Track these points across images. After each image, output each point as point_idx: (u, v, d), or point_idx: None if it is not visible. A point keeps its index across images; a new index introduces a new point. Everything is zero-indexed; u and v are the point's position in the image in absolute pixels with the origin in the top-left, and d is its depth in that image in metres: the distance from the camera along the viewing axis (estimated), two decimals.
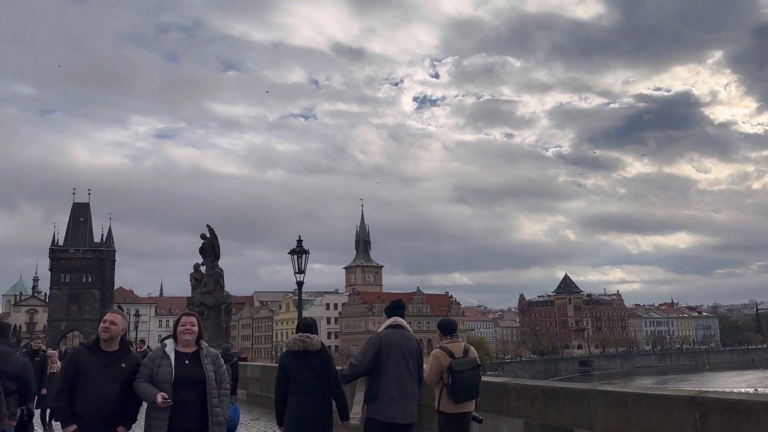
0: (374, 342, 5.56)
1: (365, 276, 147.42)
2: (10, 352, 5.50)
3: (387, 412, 5.31)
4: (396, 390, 5.35)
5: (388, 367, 5.39)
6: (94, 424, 4.52)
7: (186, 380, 4.63)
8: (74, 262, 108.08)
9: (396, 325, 5.70)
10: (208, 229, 23.45)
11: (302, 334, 5.61)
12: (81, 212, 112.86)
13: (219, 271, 23.22)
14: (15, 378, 5.32)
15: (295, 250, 13.90)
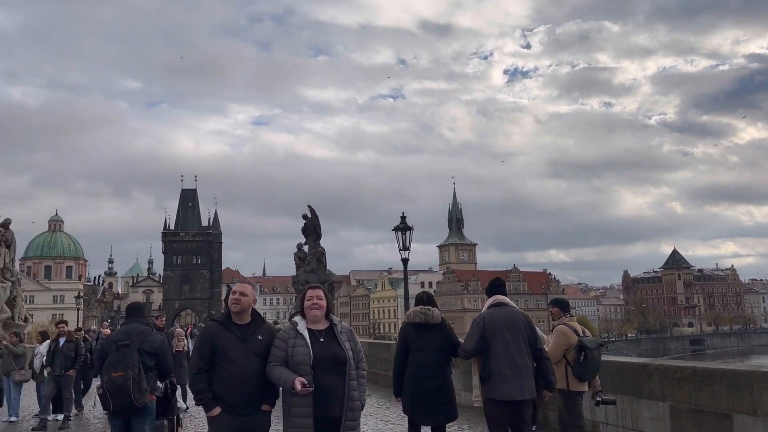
0: (478, 323, 5.47)
1: (459, 254, 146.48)
2: (148, 330, 5.71)
3: (502, 391, 5.20)
4: (507, 368, 5.23)
5: (495, 346, 5.29)
6: (237, 405, 4.18)
7: (325, 361, 4.12)
8: (185, 245, 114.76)
9: (498, 303, 5.57)
10: (309, 210, 23.84)
11: (423, 307, 5.61)
12: (189, 197, 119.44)
13: (321, 250, 23.59)
14: (153, 354, 5.50)
15: (399, 227, 13.70)
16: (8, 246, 19.50)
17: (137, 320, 5.79)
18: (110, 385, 5.26)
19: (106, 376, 5.32)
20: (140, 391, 5.29)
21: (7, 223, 19.89)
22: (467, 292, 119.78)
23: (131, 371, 5.27)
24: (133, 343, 5.42)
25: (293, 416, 4.06)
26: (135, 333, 5.53)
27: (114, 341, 5.54)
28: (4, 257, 19.06)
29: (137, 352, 5.39)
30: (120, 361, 5.32)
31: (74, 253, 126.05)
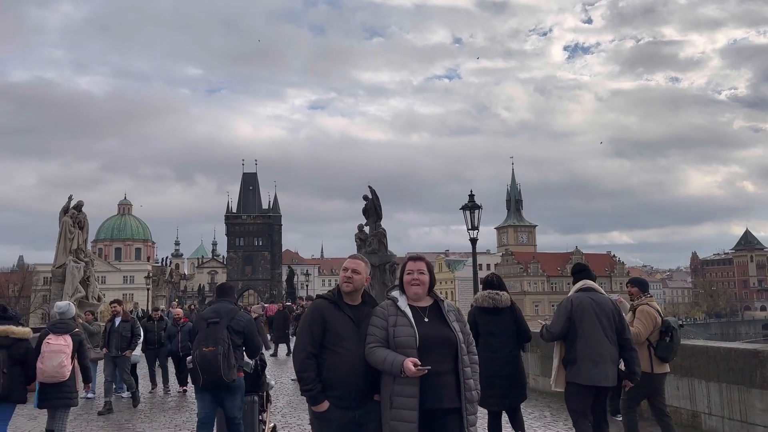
0: (565, 306, 5.35)
1: (518, 236, 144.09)
2: (236, 309, 5.84)
3: (586, 375, 5.08)
4: (593, 353, 5.10)
5: (582, 331, 5.17)
6: (348, 397, 3.61)
7: (433, 344, 3.49)
8: (246, 227, 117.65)
9: (587, 288, 5.42)
10: (370, 190, 23.60)
11: (491, 291, 5.57)
12: (250, 181, 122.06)
13: (382, 231, 23.34)
14: (240, 332, 5.60)
15: (467, 205, 13.21)
16: (81, 228, 20.19)
17: (226, 299, 5.98)
18: (201, 359, 5.37)
19: (196, 350, 5.45)
20: (229, 366, 5.38)
21: (80, 205, 20.57)
22: (527, 275, 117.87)
23: (221, 347, 5.34)
24: (222, 321, 5.52)
25: (395, 407, 3.42)
26: (224, 311, 5.67)
27: (204, 318, 5.71)
28: (77, 238, 19.76)
29: (226, 329, 5.48)
30: (210, 337, 5.43)
31: (143, 236, 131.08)
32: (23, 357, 6.02)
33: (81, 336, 6.76)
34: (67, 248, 19.44)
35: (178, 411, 9.88)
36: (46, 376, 6.17)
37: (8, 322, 6.07)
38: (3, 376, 5.76)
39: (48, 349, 6.22)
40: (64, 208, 20.08)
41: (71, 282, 18.94)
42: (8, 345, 5.93)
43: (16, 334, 6.00)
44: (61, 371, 6.17)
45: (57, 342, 6.28)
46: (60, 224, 19.79)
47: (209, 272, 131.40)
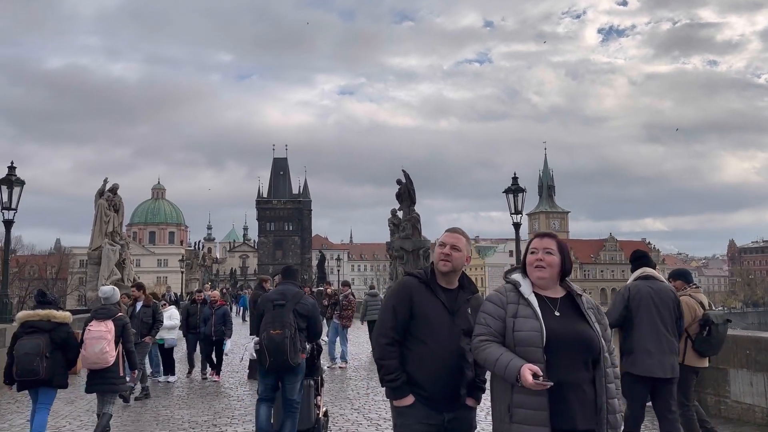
0: (623, 294, 5.23)
1: (550, 222, 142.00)
2: (301, 292, 5.87)
3: (643, 366, 4.94)
4: (651, 343, 4.97)
5: (640, 320, 5.06)
6: (437, 396, 3.05)
7: (564, 344, 2.68)
8: (277, 212, 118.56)
9: (646, 276, 5.30)
10: (404, 175, 23.22)
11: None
12: (281, 166, 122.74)
13: (416, 216, 22.99)
14: (305, 316, 5.64)
15: (511, 188, 12.71)
16: (117, 210, 20.23)
17: (291, 282, 6.06)
18: (269, 341, 5.42)
19: (264, 332, 5.49)
20: (295, 350, 5.45)
21: (116, 188, 20.61)
22: None
23: (288, 330, 5.38)
24: (288, 304, 5.58)
25: (517, 421, 2.67)
26: (290, 294, 5.73)
27: (270, 300, 5.74)
28: (113, 221, 19.81)
29: (292, 312, 5.53)
30: (277, 320, 5.48)
31: (176, 220, 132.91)
32: (64, 341, 6.04)
33: (124, 320, 6.65)
34: (102, 231, 19.51)
35: (217, 397, 9.71)
36: (89, 362, 6.22)
37: (49, 306, 6.11)
38: (45, 360, 5.81)
39: (89, 335, 6.21)
40: (100, 191, 20.13)
41: (107, 265, 19.03)
42: (50, 329, 5.97)
43: (57, 318, 6.03)
44: (103, 357, 6.15)
45: (98, 328, 6.25)
46: (95, 207, 19.88)
47: (240, 256, 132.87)
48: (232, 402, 9.20)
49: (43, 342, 5.81)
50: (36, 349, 5.78)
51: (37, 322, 6.00)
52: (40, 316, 6.01)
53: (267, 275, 12.44)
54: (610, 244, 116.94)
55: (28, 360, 5.75)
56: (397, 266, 22.27)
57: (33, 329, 5.95)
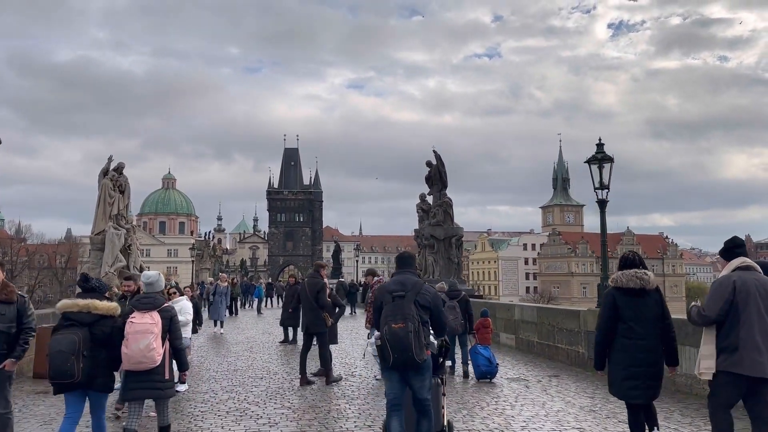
0: (725, 286, 4.78)
1: (564, 215, 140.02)
2: (421, 282, 5.40)
3: (752, 365, 4.56)
4: (761, 340, 4.59)
5: (747, 314, 4.63)
6: None
7: None
8: (288, 203, 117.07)
9: (747, 266, 4.88)
10: (435, 155, 21.26)
11: (638, 270, 5.04)
12: (292, 157, 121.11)
13: (448, 201, 21.02)
14: (427, 308, 5.20)
15: (596, 157, 10.75)
16: (122, 192, 18.45)
17: (409, 270, 5.51)
18: (391, 336, 4.98)
19: (385, 326, 5.07)
20: (420, 345, 4.99)
21: (121, 167, 18.82)
22: (575, 255, 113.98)
23: (411, 323, 5.01)
24: (408, 294, 5.20)
25: None
26: (409, 284, 5.28)
27: (389, 291, 5.28)
28: (118, 203, 18.00)
29: (413, 304, 5.16)
30: (398, 312, 5.10)
31: (186, 210, 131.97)
32: (108, 337, 5.22)
33: (172, 312, 5.62)
34: (106, 213, 17.69)
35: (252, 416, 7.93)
36: (133, 362, 5.23)
37: (91, 295, 5.30)
38: (83, 360, 5.03)
39: (133, 329, 5.23)
40: (104, 170, 18.31)
41: (111, 250, 17.25)
42: (90, 322, 5.18)
43: (99, 309, 5.22)
44: (149, 355, 5.21)
45: (143, 321, 5.30)
46: (99, 187, 18.11)
47: (250, 247, 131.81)
48: None
49: (79, 338, 5.05)
50: (71, 346, 5.01)
51: (76, 314, 5.18)
52: (79, 306, 5.20)
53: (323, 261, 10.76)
54: (627, 238, 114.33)
55: (62, 359, 4.99)
56: (426, 255, 20.36)
57: (71, 322, 5.17)
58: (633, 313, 4.90)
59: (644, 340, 4.89)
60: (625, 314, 4.91)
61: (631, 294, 4.92)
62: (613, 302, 5.00)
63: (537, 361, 11.08)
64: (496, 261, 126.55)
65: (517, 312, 12.85)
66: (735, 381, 4.61)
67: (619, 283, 5.00)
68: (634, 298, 4.93)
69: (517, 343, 12.80)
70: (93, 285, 5.37)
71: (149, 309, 5.40)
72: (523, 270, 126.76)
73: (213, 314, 19.32)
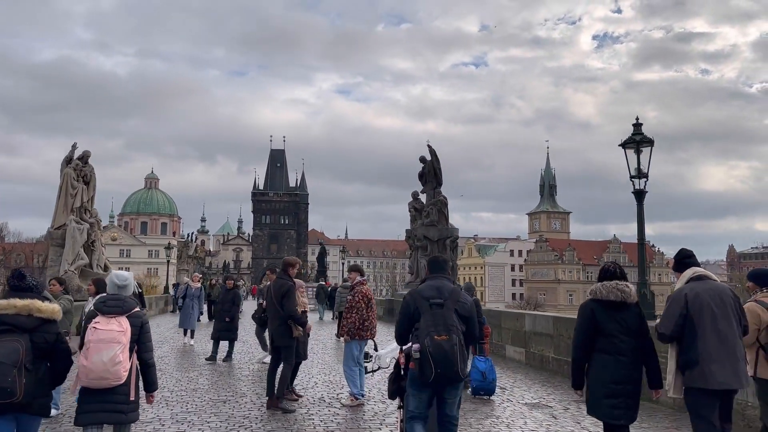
0: (677, 300, 4.62)
1: (551, 222, 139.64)
2: (458, 289, 5.03)
3: (715, 378, 4.40)
4: (721, 350, 4.43)
5: (703, 326, 4.49)
6: None
7: None
8: (273, 205, 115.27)
9: (700, 276, 4.71)
10: (429, 150, 19.83)
11: (619, 282, 4.67)
12: (278, 158, 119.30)
13: (443, 199, 19.58)
14: (466, 318, 4.76)
15: (633, 139, 9.27)
16: (87, 182, 16.82)
17: (444, 276, 5.06)
18: (435, 349, 4.47)
19: (427, 338, 4.54)
20: (464, 359, 4.59)
21: (87, 156, 17.20)
22: (562, 262, 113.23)
23: (455, 335, 4.53)
24: (447, 303, 4.72)
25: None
26: (446, 291, 4.82)
27: (425, 297, 4.80)
28: (81, 194, 16.36)
29: (453, 313, 4.67)
30: (440, 322, 4.60)
31: (169, 210, 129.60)
32: (52, 347, 4.22)
33: (143, 318, 4.74)
34: (68, 206, 16.04)
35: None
36: (93, 377, 4.35)
37: (29, 295, 4.25)
38: (26, 374, 3.98)
39: (96, 337, 4.38)
40: (67, 158, 16.67)
41: (72, 246, 15.59)
42: (32, 328, 4.13)
43: (43, 312, 4.19)
44: (114, 370, 4.36)
45: (108, 327, 4.44)
46: (61, 177, 16.46)
47: (234, 249, 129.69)
48: None
49: (23, 346, 4.03)
50: (13, 356, 3.94)
51: (13, 317, 4.10)
52: (17, 308, 4.14)
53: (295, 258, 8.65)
54: (613, 245, 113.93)
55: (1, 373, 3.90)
56: (418, 257, 18.88)
57: (8, 327, 4.07)
58: (611, 327, 4.58)
59: (625, 356, 4.57)
60: (607, 328, 4.59)
61: (611, 307, 4.62)
62: (591, 315, 4.66)
63: (555, 381, 9.55)
64: (482, 267, 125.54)
65: (528, 322, 11.40)
66: (707, 396, 4.47)
67: (598, 295, 4.66)
68: (614, 312, 4.62)
69: (527, 357, 11.35)
70: (29, 283, 4.37)
71: (117, 314, 4.51)
72: (509, 276, 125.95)
73: (182, 322, 15.65)
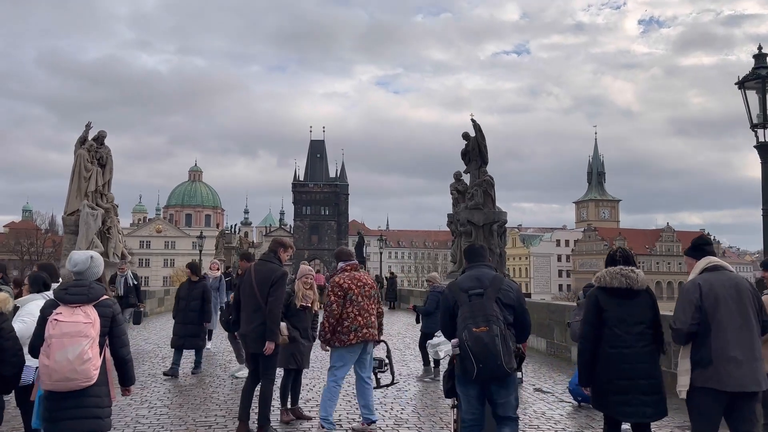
0: (691, 292, 4.17)
1: (599, 211, 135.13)
2: (501, 276, 4.61)
3: (730, 379, 3.99)
4: (737, 348, 4.02)
5: (718, 321, 4.07)
6: None
7: None
8: (313, 196, 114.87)
9: (715, 267, 4.28)
10: (473, 125, 17.93)
11: (624, 267, 4.36)
12: (318, 149, 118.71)
13: (489, 179, 17.65)
14: (511, 307, 4.43)
15: (759, 73, 6.98)
16: (103, 165, 15.66)
17: (483, 264, 4.66)
18: (474, 342, 4.16)
19: (465, 332, 4.25)
20: (509, 351, 4.23)
21: (103, 136, 16.03)
22: None
23: (496, 326, 4.21)
24: (488, 291, 4.39)
25: None
26: (487, 279, 4.47)
27: (464, 289, 4.44)
28: (96, 177, 15.19)
29: (495, 303, 4.34)
30: (479, 313, 4.28)
31: (212, 202, 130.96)
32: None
33: (114, 307, 4.04)
34: (81, 190, 14.91)
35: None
36: (57, 378, 3.68)
37: None
38: None
39: (58, 331, 3.69)
40: (80, 139, 15.49)
41: (85, 233, 14.43)
42: None
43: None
44: (83, 369, 3.67)
45: (73, 319, 3.73)
46: (75, 159, 15.32)
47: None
48: None
49: None
50: None
51: None
52: None
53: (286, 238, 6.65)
54: (667, 234, 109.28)
55: None
56: (461, 244, 17.06)
57: None
58: (617, 316, 4.27)
59: (630, 348, 4.21)
60: (609, 317, 4.29)
61: (616, 295, 4.32)
62: (597, 304, 4.38)
63: None
64: (527, 257, 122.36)
65: None
66: (713, 397, 4.05)
67: (603, 282, 4.41)
68: (620, 300, 4.32)
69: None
70: None
71: (82, 302, 3.91)
72: (556, 267, 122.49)
73: None
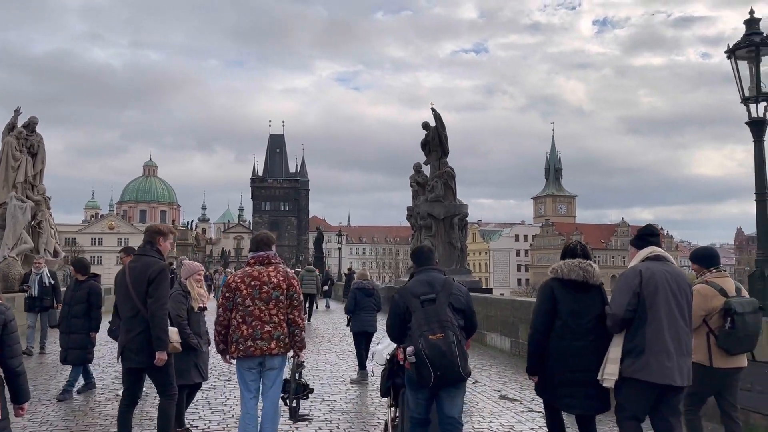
0: (631, 278, 4.08)
1: (557, 206, 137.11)
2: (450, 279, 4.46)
3: (659, 371, 3.91)
4: (670, 341, 3.95)
5: (655, 311, 3.97)
6: None
7: None
8: (273, 191, 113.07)
9: (656, 256, 4.17)
10: (434, 115, 17.27)
11: (582, 261, 4.25)
12: (277, 143, 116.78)
13: (449, 171, 17.03)
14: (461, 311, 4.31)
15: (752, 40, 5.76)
16: (34, 154, 14.43)
17: (433, 267, 4.54)
18: (431, 350, 4.04)
19: (421, 339, 4.09)
20: (464, 357, 4.15)
21: (34, 123, 14.76)
22: None
23: (451, 332, 4.10)
24: (440, 297, 4.25)
25: None
26: (438, 284, 4.35)
27: (416, 295, 4.28)
28: (25, 167, 13.96)
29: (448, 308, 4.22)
30: (433, 320, 4.14)
31: (168, 198, 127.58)
32: None
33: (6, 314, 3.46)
34: (9, 180, 13.66)
35: None
36: None
37: None
38: None
39: None
40: (8, 126, 14.23)
41: (13, 228, 13.20)
42: None
43: None
44: None
45: None
46: (2, 147, 14.02)
47: (235, 237, 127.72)
48: None
49: None
50: None
51: None
52: None
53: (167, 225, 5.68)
54: (622, 229, 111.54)
55: None
56: (422, 238, 16.42)
57: None
58: (570, 308, 4.14)
59: (580, 341, 4.11)
60: (562, 309, 4.15)
61: (572, 287, 4.18)
62: (551, 295, 4.21)
63: None
64: (487, 252, 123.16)
65: None
66: (642, 389, 3.98)
67: (559, 274, 4.24)
68: (575, 293, 4.18)
69: None
70: None
71: None
72: (514, 262, 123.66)
73: None
